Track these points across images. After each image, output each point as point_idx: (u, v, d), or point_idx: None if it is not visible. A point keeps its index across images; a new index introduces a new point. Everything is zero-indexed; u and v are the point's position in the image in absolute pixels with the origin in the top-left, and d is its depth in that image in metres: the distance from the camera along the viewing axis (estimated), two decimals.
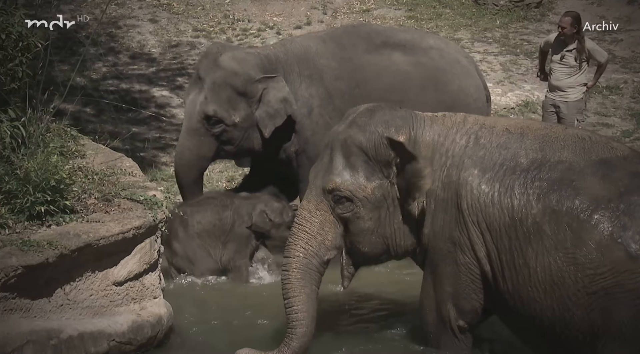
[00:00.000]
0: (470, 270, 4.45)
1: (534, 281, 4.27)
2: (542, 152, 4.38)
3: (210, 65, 5.85)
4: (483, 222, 4.37)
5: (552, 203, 4.26)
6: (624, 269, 4.09)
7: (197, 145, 5.87)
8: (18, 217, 4.29)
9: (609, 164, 4.30)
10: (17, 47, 4.58)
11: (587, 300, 4.17)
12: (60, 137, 4.95)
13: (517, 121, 4.75)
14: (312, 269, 4.58)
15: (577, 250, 4.17)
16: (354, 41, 6.15)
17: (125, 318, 4.45)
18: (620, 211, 4.16)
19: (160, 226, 4.67)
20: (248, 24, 10.67)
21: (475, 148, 4.46)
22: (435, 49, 6.28)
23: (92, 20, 10.12)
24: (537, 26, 10.88)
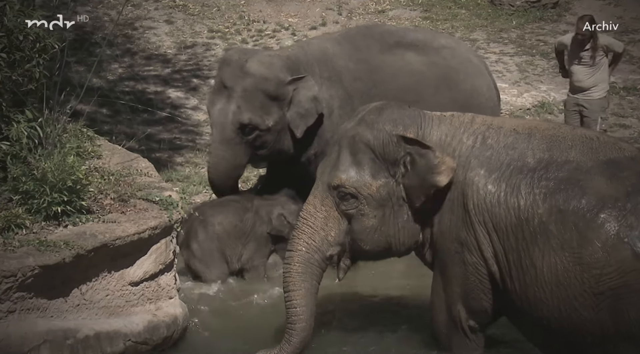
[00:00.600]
0: (477, 270, 4.44)
1: (541, 281, 4.25)
2: (550, 152, 4.36)
3: (237, 72, 5.78)
4: (490, 222, 4.37)
5: (558, 203, 4.24)
6: (631, 269, 4.07)
7: (232, 155, 5.82)
8: (35, 217, 4.32)
9: (617, 164, 4.27)
10: (34, 48, 4.60)
11: (594, 301, 4.15)
12: (77, 137, 4.97)
13: (525, 122, 4.75)
14: (313, 263, 4.61)
15: (583, 250, 4.15)
16: (368, 42, 6.15)
17: (141, 318, 4.46)
18: (627, 210, 4.14)
19: (175, 227, 4.69)
20: (263, 25, 10.69)
21: (482, 148, 4.46)
22: (447, 48, 6.28)
23: (108, 21, 10.17)
24: (553, 27, 10.83)
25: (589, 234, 4.15)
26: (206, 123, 8.62)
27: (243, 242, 5.80)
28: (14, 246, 4.12)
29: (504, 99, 8.96)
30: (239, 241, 5.78)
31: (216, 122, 5.84)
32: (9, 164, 4.41)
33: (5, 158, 4.43)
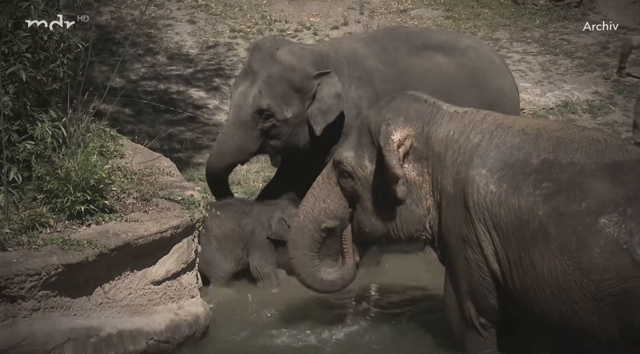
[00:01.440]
0: (480, 268, 4.44)
1: (541, 282, 4.22)
2: (555, 154, 4.31)
3: (267, 58, 5.75)
4: (490, 221, 4.35)
5: (559, 205, 4.18)
6: (630, 276, 4.00)
7: (241, 137, 5.77)
8: (59, 216, 4.35)
9: (621, 168, 4.19)
10: (59, 48, 4.64)
11: (595, 306, 4.10)
12: (100, 137, 5.00)
13: (536, 122, 4.70)
14: (305, 233, 4.84)
15: (582, 254, 4.09)
16: (395, 44, 6.13)
17: (163, 316, 4.48)
18: (628, 215, 4.05)
19: (197, 226, 4.70)
20: (285, 24, 10.69)
21: (487, 147, 4.44)
22: (471, 48, 6.27)
23: (130, 21, 10.23)
24: (577, 26, 10.73)
25: (588, 238, 4.09)
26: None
27: (241, 246, 5.76)
28: (38, 244, 4.15)
29: (527, 99, 8.91)
30: (237, 246, 5.75)
31: (235, 103, 5.81)
32: (34, 164, 4.45)
33: (29, 157, 4.47)
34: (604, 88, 9.48)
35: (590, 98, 9.30)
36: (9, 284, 3.97)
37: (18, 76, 4.42)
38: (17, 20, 4.51)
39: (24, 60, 4.47)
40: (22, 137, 4.49)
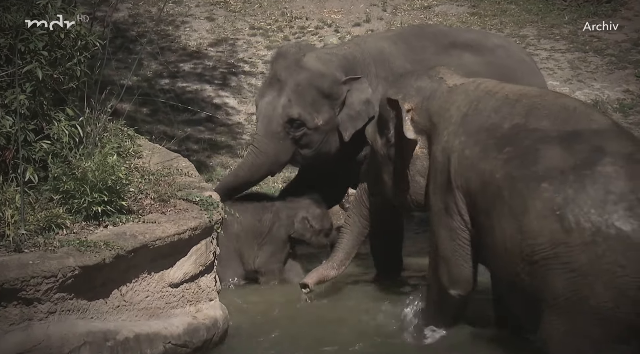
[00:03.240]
0: (459, 235, 4.65)
1: (498, 245, 4.39)
2: (525, 119, 4.49)
3: (293, 66, 5.76)
4: (465, 185, 4.57)
5: (513, 170, 4.37)
6: (560, 242, 4.13)
7: (274, 149, 5.78)
8: (75, 217, 4.37)
9: (578, 136, 4.32)
10: (76, 46, 4.67)
11: (531, 268, 4.23)
12: (117, 137, 5.00)
13: (520, 88, 4.83)
14: (360, 202, 5.55)
15: (523, 218, 4.25)
16: (422, 43, 6.11)
17: (180, 320, 4.49)
18: (568, 182, 4.18)
19: (216, 227, 4.71)
20: (306, 21, 10.70)
21: (472, 114, 4.69)
22: (501, 47, 6.25)
23: (148, 18, 10.28)
24: (608, 22, 10.65)
25: (529, 202, 4.25)
26: (247, 123, 8.67)
27: (259, 242, 5.79)
28: (54, 246, 4.17)
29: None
30: (255, 241, 5.78)
31: (263, 114, 5.79)
32: (50, 163, 4.47)
33: (46, 157, 4.49)
34: (635, 86, 9.40)
35: (622, 97, 9.23)
36: (25, 287, 3.99)
37: (34, 74, 4.44)
38: (33, 18, 4.54)
39: (41, 59, 4.50)
40: (38, 136, 4.51)
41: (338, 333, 5.05)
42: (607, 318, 4.07)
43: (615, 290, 4.03)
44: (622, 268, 4.02)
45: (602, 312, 4.07)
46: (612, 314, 4.06)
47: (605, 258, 4.04)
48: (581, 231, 4.09)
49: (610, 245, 4.04)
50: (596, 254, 4.06)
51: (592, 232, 4.07)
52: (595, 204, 4.09)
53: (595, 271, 4.05)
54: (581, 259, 4.07)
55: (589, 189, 4.13)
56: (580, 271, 4.08)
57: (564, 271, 4.12)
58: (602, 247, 4.05)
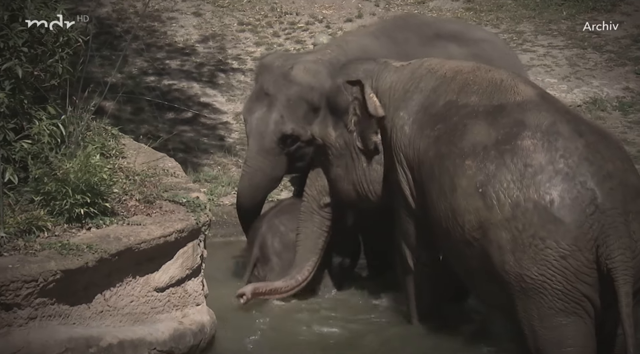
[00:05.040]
0: (404, 208, 4.89)
1: (436, 222, 4.57)
2: (457, 95, 4.66)
3: (281, 80, 5.74)
4: (404, 161, 4.81)
5: (441, 146, 4.54)
6: (484, 219, 4.28)
7: (270, 166, 5.76)
8: (57, 219, 4.36)
9: (502, 110, 4.48)
10: (57, 42, 4.65)
11: (466, 247, 4.39)
12: (101, 136, 5.00)
13: (459, 65, 4.96)
14: (312, 212, 5.44)
15: (452, 196, 4.43)
16: (406, 35, 6.13)
17: (166, 325, 4.49)
18: (489, 158, 4.33)
19: (203, 230, 4.71)
20: (296, 17, 10.70)
21: (413, 92, 4.87)
22: (485, 41, 6.30)
23: (133, 13, 10.26)
24: (607, 17, 10.68)
25: (455, 180, 4.42)
26: (235, 122, 8.67)
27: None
28: (35, 249, 4.16)
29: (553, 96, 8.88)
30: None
31: (254, 131, 5.78)
32: (30, 164, 4.46)
33: (26, 157, 4.48)
34: (635, 84, 9.43)
35: (621, 94, 9.25)
36: (4, 291, 3.98)
37: (14, 72, 4.44)
38: (13, 13, 4.52)
39: (21, 56, 4.49)
40: (18, 136, 4.51)
41: (327, 337, 5.07)
42: (545, 291, 4.21)
43: (541, 263, 4.18)
44: (542, 241, 4.17)
45: (537, 286, 4.20)
46: (547, 287, 4.19)
47: (526, 232, 4.19)
48: (502, 207, 4.25)
49: (529, 219, 4.18)
50: (517, 229, 4.20)
51: (512, 207, 4.23)
52: (514, 179, 4.25)
53: (519, 246, 4.20)
54: (505, 235, 4.22)
55: (509, 164, 4.28)
56: (507, 248, 4.23)
57: (494, 249, 4.27)
58: (521, 222, 4.20)
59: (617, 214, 4.18)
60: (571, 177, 4.21)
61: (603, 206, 4.17)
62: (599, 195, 4.18)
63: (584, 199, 4.18)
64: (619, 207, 4.19)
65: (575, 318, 4.23)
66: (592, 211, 4.17)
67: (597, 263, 4.17)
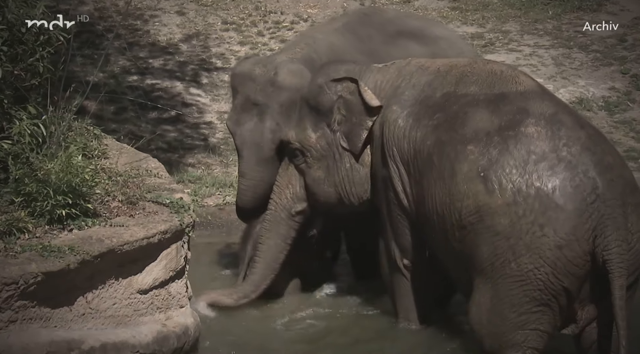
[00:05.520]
0: (395, 206, 4.86)
1: (429, 213, 4.60)
2: (455, 87, 4.73)
3: (268, 88, 5.69)
4: (397, 155, 4.79)
5: (441, 134, 4.59)
6: (483, 204, 4.33)
7: (271, 175, 5.69)
8: (38, 221, 4.33)
9: (504, 98, 4.56)
10: (38, 41, 4.63)
11: (460, 234, 4.43)
12: (83, 136, 4.98)
13: (452, 60, 5.05)
14: (279, 221, 5.35)
15: (451, 181, 4.47)
16: (369, 32, 6.16)
17: (149, 328, 4.47)
18: (492, 144, 4.40)
19: (187, 231, 4.70)
20: (281, 16, 10.70)
21: (405, 87, 4.90)
22: (443, 39, 6.35)
23: (115, 12, 10.23)
24: (593, 17, 10.74)
25: (456, 165, 4.47)
26: (219, 121, 8.65)
27: None
28: (15, 251, 4.13)
29: None
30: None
31: (248, 142, 5.72)
32: (11, 165, 4.43)
33: (6, 158, 4.46)
34: (621, 83, 9.49)
35: (607, 94, 9.31)
36: None
37: None
38: None
39: (0, 55, 4.46)
40: None
41: (314, 338, 5.07)
42: (527, 280, 4.26)
43: (534, 251, 4.23)
44: (540, 228, 4.23)
45: (522, 275, 4.27)
46: (532, 276, 4.25)
47: (526, 218, 4.25)
48: (503, 192, 4.30)
49: (530, 204, 4.25)
50: (517, 215, 4.26)
51: (513, 193, 4.28)
52: (517, 165, 4.31)
53: (516, 232, 4.25)
54: (503, 220, 4.28)
55: (512, 150, 4.35)
56: (503, 233, 4.28)
57: (489, 234, 4.31)
58: (522, 207, 4.25)
59: (616, 205, 4.26)
60: (574, 165, 4.29)
61: (604, 196, 4.25)
62: (600, 185, 4.27)
63: (586, 187, 4.26)
64: (619, 199, 4.28)
65: (546, 308, 4.32)
66: (592, 199, 4.25)
67: (591, 254, 4.23)
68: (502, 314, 4.35)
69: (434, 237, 4.65)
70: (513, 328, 4.35)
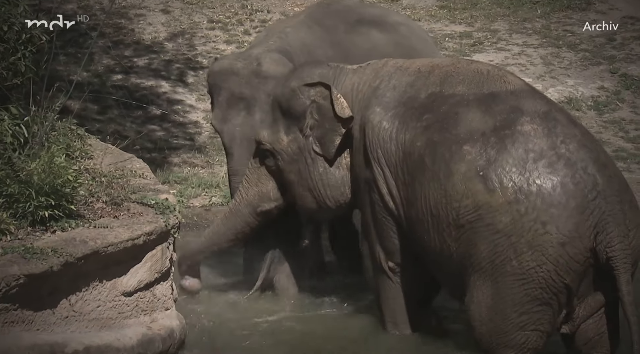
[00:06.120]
0: (380, 208, 4.84)
1: (421, 213, 4.59)
2: (440, 87, 4.73)
3: (253, 79, 5.66)
4: (382, 158, 4.77)
5: (433, 135, 4.59)
6: (483, 203, 4.35)
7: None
8: (20, 222, 4.32)
9: (495, 98, 4.58)
10: (20, 39, 4.62)
11: (457, 233, 4.45)
12: (66, 136, 4.97)
13: (431, 60, 5.07)
14: (238, 215, 5.38)
15: (447, 181, 4.47)
16: (333, 22, 6.18)
17: (134, 331, 4.46)
18: (490, 144, 4.42)
19: (172, 232, 4.69)
20: (267, 14, 10.70)
21: (385, 89, 4.88)
22: (402, 25, 6.39)
23: (99, 10, 10.20)
24: (581, 16, 10.80)
25: (452, 165, 4.47)
26: (205, 121, 8.64)
27: None
28: None
29: None
30: None
31: (238, 138, 5.68)
32: None
33: None
34: (610, 83, 9.54)
35: (596, 94, 9.36)
36: None
37: None
38: None
39: None
40: None
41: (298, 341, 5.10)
42: (529, 278, 4.29)
43: (536, 248, 4.26)
44: (543, 225, 4.26)
45: (524, 272, 4.30)
46: (534, 274, 4.28)
47: (528, 216, 4.28)
48: (504, 190, 4.32)
49: (532, 202, 4.28)
50: (519, 213, 4.29)
51: (515, 191, 4.31)
52: (516, 163, 4.35)
53: (518, 230, 4.28)
54: (504, 219, 4.31)
55: (510, 149, 4.38)
56: (504, 231, 4.31)
57: (489, 233, 4.34)
58: (524, 205, 4.29)
59: (616, 201, 4.31)
60: (573, 162, 4.33)
61: (604, 192, 4.30)
62: (601, 181, 4.31)
63: (587, 184, 4.30)
64: (618, 195, 4.33)
65: (546, 307, 4.35)
66: (594, 196, 4.29)
67: (593, 251, 4.27)
68: (503, 313, 4.37)
69: (426, 238, 4.64)
70: (514, 328, 4.38)
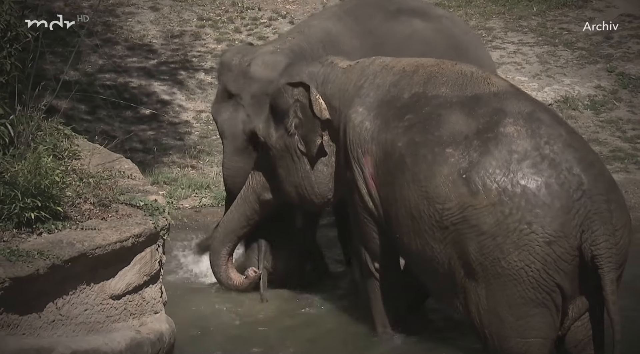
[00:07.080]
0: (362, 209, 4.90)
1: (402, 214, 4.64)
2: (424, 88, 4.78)
3: (241, 78, 5.82)
4: (362, 158, 4.84)
5: (415, 135, 4.64)
6: (468, 205, 4.41)
7: (249, 163, 5.84)
8: (5, 224, 4.31)
9: (478, 100, 4.63)
10: (5, 37, 4.61)
11: (441, 234, 4.50)
12: (53, 136, 4.98)
13: (417, 60, 5.09)
14: (246, 201, 5.60)
15: (428, 183, 4.53)
16: (369, 12, 6.25)
17: (123, 335, 4.46)
18: (473, 146, 4.47)
19: (162, 234, 4.68)
20: (258, 12, 10.69)
21: (368, 88, 4.94)
22: (446, 18, 6.47)
23: (87, 7, 10.18)
24: (578, 13, 10.82)
25: (434, 168, 4.52)
26: (195, 121, 8.63)
27: None
28: None
29: None
30: None
31: (226, 132, 5.91)
32: None
33: None
34: (607, 82, 9.56)
35: (593, 93, 9.37)
36: None
37: None
38: None
39: None
40: None
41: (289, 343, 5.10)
42: (520, 278, 4.34)
43: (523, 248, 4.32)
44: (528, 225, 4.31)
45: (514, 273, 4.34)
46: (524, 274, 4.33)
47: (512, 217, 4.33)
48: (488, 192, 4.38)
49: (517, 203, 4.33)
50: (503, 214, 4.34)
51: (499, 192, 4.36)
52: (500, 165, 4.40)
53: (503, 231, 4.33)
54: (489, 220, 4.36)
55: (493, 151, 4.43)
56: (489, 232, 4.36)
57: (474, 234, 4.39)
58: (508, 206, 4.34)
59: (602, 200, 4.35)
60: (557, 162, 4.37)
61: (590, 192, 4.34)
62: (586, 181, 4.35)
63: (572, 184, 4.34)
64: (604, 194, 4.37)
65: (543, 309, 4.37)
66: (579, 196, 4.33)
67: (579, 250, 4.31)
68: (500, 316, 4.41)
69: (406, 239, 4.67)
70: (514, 334, 4.40)
